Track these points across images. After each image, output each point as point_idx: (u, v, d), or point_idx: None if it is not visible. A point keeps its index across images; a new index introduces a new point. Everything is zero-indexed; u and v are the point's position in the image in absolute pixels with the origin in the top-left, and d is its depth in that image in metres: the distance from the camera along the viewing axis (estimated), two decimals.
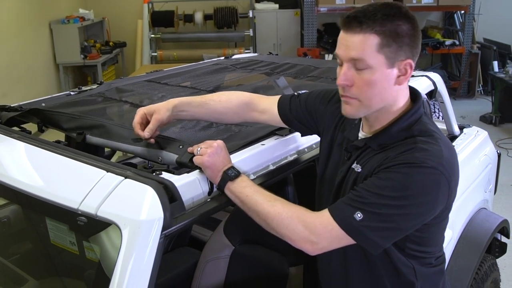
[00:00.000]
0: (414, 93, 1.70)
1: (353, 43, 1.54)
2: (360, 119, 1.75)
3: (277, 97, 2.03)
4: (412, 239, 1.63)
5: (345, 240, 1.55)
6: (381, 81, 1.56)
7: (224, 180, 1.68)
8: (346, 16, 1.56)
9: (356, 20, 1.53)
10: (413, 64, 1.58)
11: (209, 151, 1.68)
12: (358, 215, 1.51)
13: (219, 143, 1.72)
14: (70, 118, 2.13)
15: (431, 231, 1.65)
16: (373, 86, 1.56)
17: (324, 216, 1.57)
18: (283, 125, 2.03)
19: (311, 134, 2.03)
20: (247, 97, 2.03)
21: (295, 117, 1.97)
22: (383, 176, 1.53)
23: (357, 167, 1.67)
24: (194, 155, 1.72)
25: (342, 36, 1.58)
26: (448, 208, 1.64)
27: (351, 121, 1.79)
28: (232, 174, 1.68)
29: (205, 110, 1.98)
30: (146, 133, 1.83)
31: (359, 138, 1.73)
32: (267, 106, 2.01)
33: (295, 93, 2.03)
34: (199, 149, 1.71)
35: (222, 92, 2.10)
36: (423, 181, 1.50)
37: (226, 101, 2.00)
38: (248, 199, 1.65)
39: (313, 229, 1.56)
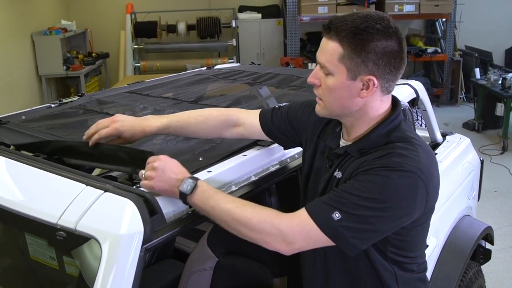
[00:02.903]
0: (393, 100, 1.71)
1: (323, 48, 1.61)
2: (340, 128, 1.76)
3: (257, 111, 2.04)
4: (393, 243, 1.64)
5: (322, 240, 1.54)
6: (340, 90, 1.60)
7: (183, 197, 1.61)
8: (327, 21, 1.61)
9: (329, 27, 1.58)
10: (377, 82, 1.57)
11: (155, 175, 1.60)
12: (336, 215, 1.51)
13: (160, 161, 1.63)
14: (41, 144, 2.05)
15: (411, 235, 1.65)
16: (332, 92, 1.61)
17: (301, 216, 1.56)
18: (264, 138, 2.02)
19: (293, 147, 2.04)
20: (225, 114, 2.03)
21: (277, 128, 1.98)
22: (362, 178, 1.54)
23: (338, 174, 1.69)
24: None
25: (322, 39, 1.63)
26: (427, 213, 1.64)
27: (332, 130, 1.80)
28: (187, 188, 1.60)
29: (181, 132, 2.01)
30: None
31: (340, 146, 1.74)
32: (246, 120, 2.01)
33: (276, 106, 2.04)
34: (143, 174, 1.63)
35: (200, 110, 2.07)
36: (401, 184, 1.51)
37: (203, 122, 2.00)
38: (214, 210, 1.60)
39: (289, 230, 1.55)
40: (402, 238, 1.63)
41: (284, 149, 2.07)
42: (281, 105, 2.04)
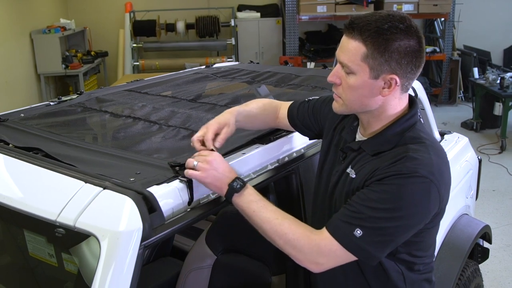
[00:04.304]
0: (410, 99, 1.72)
1: (345, 48, 1.61)
2: (358, 123, 1.78)
3: (289, 103, 2.10)
4: (405, 243, 1.64)
5: (348, 257, 1.58)
6: (362, 88, 1.60)
7: (230, 193, 1.66)
8: (349, 20, 1.61)
9: (351, 26, 1.59)
10: (399, 81, 1.58)
11: (208, 167, 1.65)
12: (358, 232, 1.53)
13: (213, 156, 1.68)
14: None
15: (422, 235, 1.67)
16: (353, 91, 1.62)
17: (327, 239, 1.58)
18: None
19: (316, 138, 2.10)
20: (273, 105, 2.11)
21: (301, 122, 2.04)
22: (377, 188, 1.55)
23: (351, 172, 1.70)
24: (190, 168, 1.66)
25: (342, 37, 1.63)
26: (440, 213, 1.66)
27: (350, 123, 1.83)
28: (237, 186, 1.66)
29: (251, 119, 2.01)
30: (217, 144, 1.79)
31: (356, 140, 1.76)
32: (284, 112, 2.09)
33: (306, 99, 2.09)
34: (195, 163, 1.66)
35: (253, 101, 2.10)
36: (415, 191, 1.53)
37: (264, 109, 2.05)
38: (255, 215, 1.65)
39: (319, 252, 1.58)
40: (412, 239, 1.64)
41: (310, 139, 2.14)
42: (311, 98, 2.09)
